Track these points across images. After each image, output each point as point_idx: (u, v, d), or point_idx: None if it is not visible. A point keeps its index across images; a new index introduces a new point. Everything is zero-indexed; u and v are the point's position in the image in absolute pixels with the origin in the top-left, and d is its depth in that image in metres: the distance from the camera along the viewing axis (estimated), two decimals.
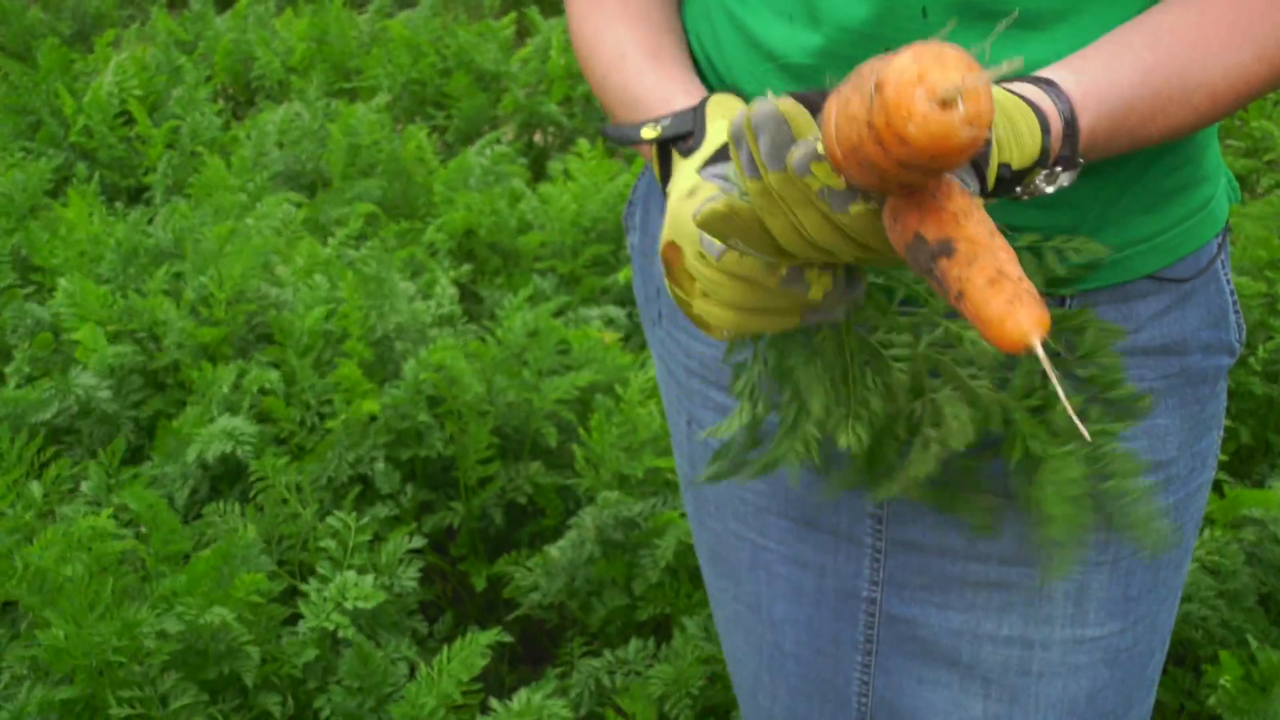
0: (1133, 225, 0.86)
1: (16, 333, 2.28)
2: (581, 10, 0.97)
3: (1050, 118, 0.70)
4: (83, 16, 4.76)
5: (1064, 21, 0.80)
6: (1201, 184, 0.90)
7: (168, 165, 3.07)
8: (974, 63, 0.53)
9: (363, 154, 3.05)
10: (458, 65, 3.67)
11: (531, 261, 2.67)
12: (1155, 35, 0.78)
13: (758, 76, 0.88)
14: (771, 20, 0.86)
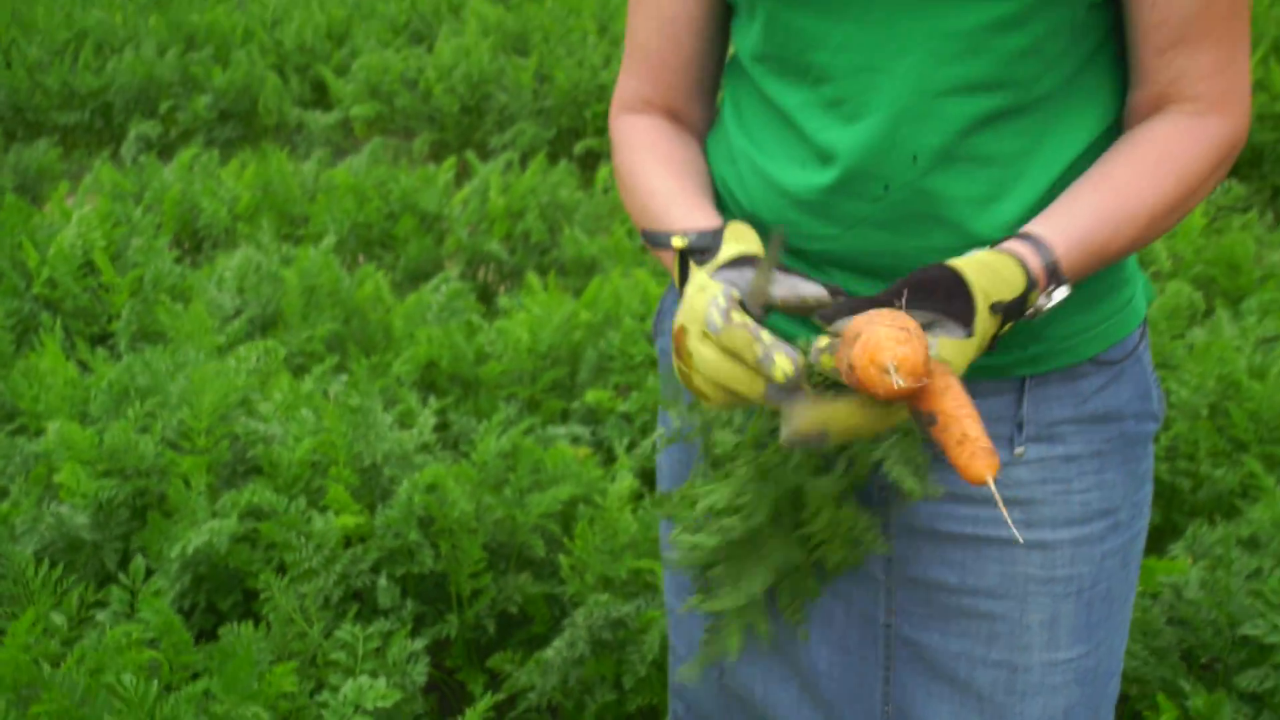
0: (1074, 320, 1.08)
1: (7, 470, 2.37)
2: (625, 154, 1.19)
3: (1028, 259, 0.95)
4: (24, 172, 4.87)
5: (1033, 159, 1.04)
6: (1124, 286, 1.13)
7: (131, 312, 3.18)
8: (913, 334, 0.83)
9: (317, 294, 3.20)
10: (403, 209, 3.84)
11: (494, 389, 2.82)
12: (1104, 183, 1.01)
13: (774, 208, 1.09)
14: (787, 166, 1.08)
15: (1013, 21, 0.99)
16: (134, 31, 6.88)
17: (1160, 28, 1.02)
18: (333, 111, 5.96)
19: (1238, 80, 1.04)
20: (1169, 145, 1.02)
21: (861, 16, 1.02)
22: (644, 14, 1.18)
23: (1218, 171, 1.05)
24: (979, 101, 1.01)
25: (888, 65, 1.02)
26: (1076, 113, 1.06)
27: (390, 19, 7.08)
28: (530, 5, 7.01)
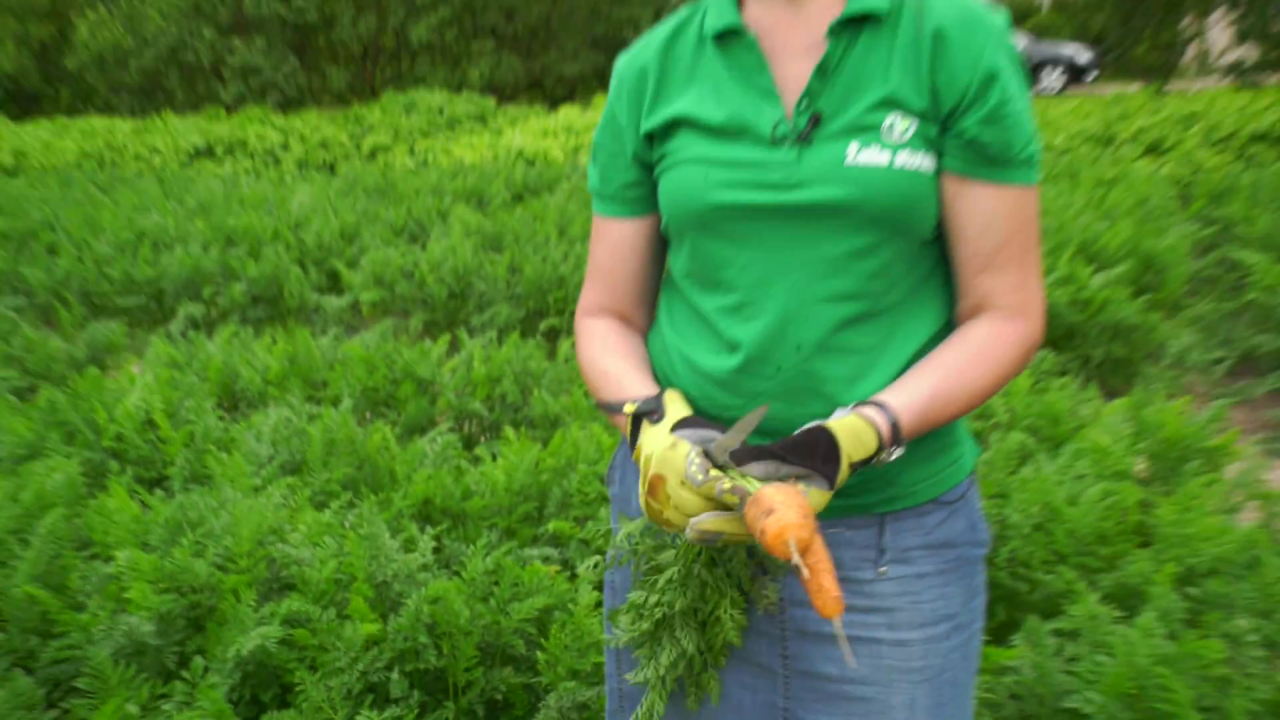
0: (919, 471, 1.18)
1: (85, 589, 2.39)
2: (585, 346, 1.30)
3: (880, 426, 1.05)
4: (94, 346, 4.90)
5: (886, 350, 1.15)
6: (956, 446, 1.23)
7: (184, 460, 3.21)
8: (809, 519, 0.94)
9: (336, 445, 3.25)
10: (403, 376, 3.90)
11: (478, 520, 2.88)
12: (938, 369, 1.12)
13: (696, 386, 1.20)
14: (705, 354, 1.20)
15: (867, 251, 1.11)
16: (183, 232, 6.89)
17: (973, 259, 1.13)
18: (344, 296, 5.99)
19: (1033, 295, 1.15)
20: (985, 342, 1.13)
21: (759, 246, 1.13)
22: (602, 245, 1.30)
23: (1022, 362, 1.15)
24: (844, 308, 1.12)
25: (777, 281, 1.13)
26: (918, 317, 1.16)
27: (391, 223, 7.15)
28: (503, 213, 7.13)
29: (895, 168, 1.08)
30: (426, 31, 16.44)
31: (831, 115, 1.11)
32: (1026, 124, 1.11)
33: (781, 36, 1.14)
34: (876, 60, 1.11)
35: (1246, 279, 5.28)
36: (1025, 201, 1.12)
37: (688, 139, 1.17)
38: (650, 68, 1.22)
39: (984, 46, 1.09)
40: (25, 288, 6.31)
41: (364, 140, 12.70)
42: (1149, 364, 4.63)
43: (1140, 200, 6.45)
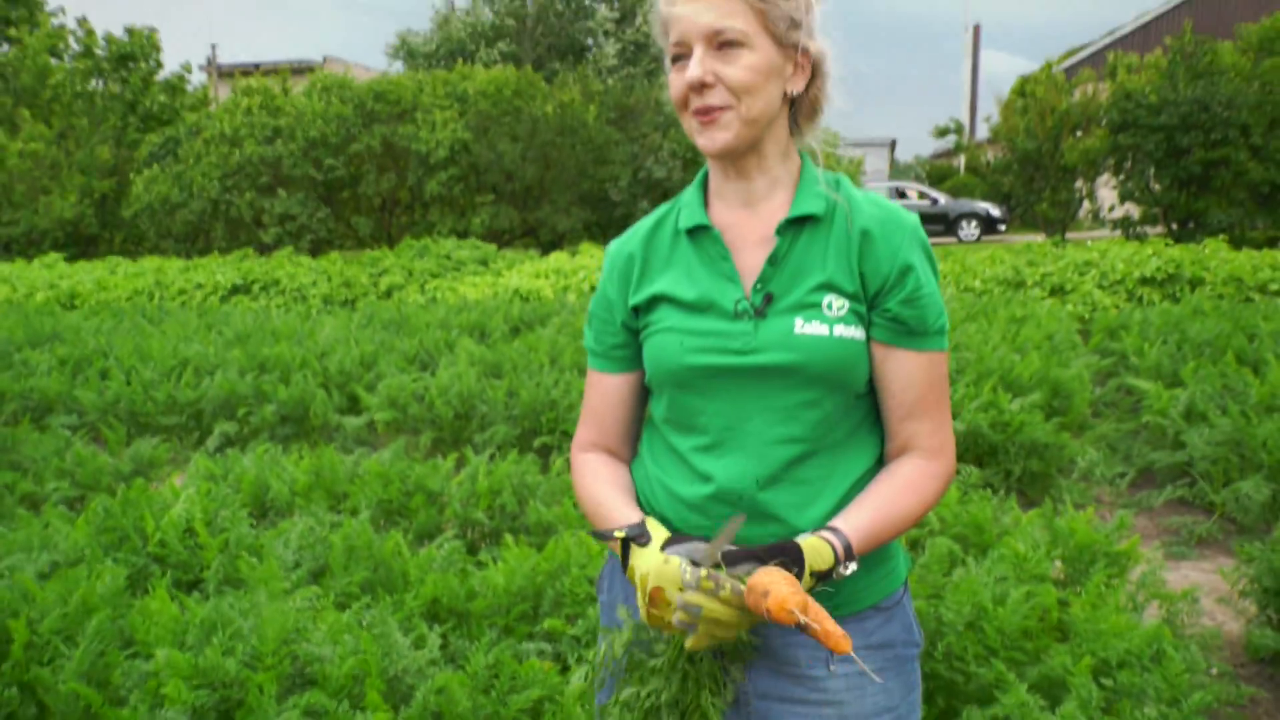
0: (859, 581, 1.24)
1: (126, 685, 2.34)
2: (580, 478, 1.36)
3: (835, 545, 1.12)
4: (139, 460, 4.87)
5: (829, 482, 1.22)
6: (890, 560, 1.29)
7: (219, 565, 3.18)
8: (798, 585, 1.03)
9: (356, 551, 3.23)
10: (415, 489, 3.91)
11: (480, 618, 2.85)
12: (876, 499, 1.20)
13: (673, 510, 1.26)
14: (682, 483, 1.26)
15: (812, 403, 1.20)
16: (222, 360, 6.92)
17: (898, 409, 1.23)
18: (362, 416, 5.99)
19: (945, 438, 1.25)
20: (911, 477, 1.22)
21: (725, 398, 1.22)
22: (595, 392, 1.38)
23: (941, 493, 1.24)
24: (793, 448, 1.21)
25: (740, 426, 1.22)
26: (856, 456, 1.25)
27: (405, 352, 7.18)
28: (502, 344, 7.23)
29: (834, 336, 1.19)
30: (438, 186, 16.88)
31: (781, 295, 1.22)
32: (937, 303, 1.23)
33: (740, 231, 1.26)
34: (815, 252, 1.23)
35: (1141, 403, 5.42)
36: (938, 363, 1.24)
37: (666, 312, 1.27)
38: (636, 254, 1.33)
39: (901, 244, 1.22)
40: (79, 408, 6.29)
41: (381, 280, 12.89)
42: (1061, 477, 4.70)
43: (1048, 335, 6.64)
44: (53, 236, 19.80)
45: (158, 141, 19.46)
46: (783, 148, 1.26)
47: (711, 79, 1.18)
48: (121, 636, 2.58)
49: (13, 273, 14.88)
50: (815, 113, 1.28)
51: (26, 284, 13.82)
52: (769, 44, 1.18)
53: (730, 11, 1.16)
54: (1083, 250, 10.99)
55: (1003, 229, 21.87)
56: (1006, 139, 16.20)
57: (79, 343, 7.83)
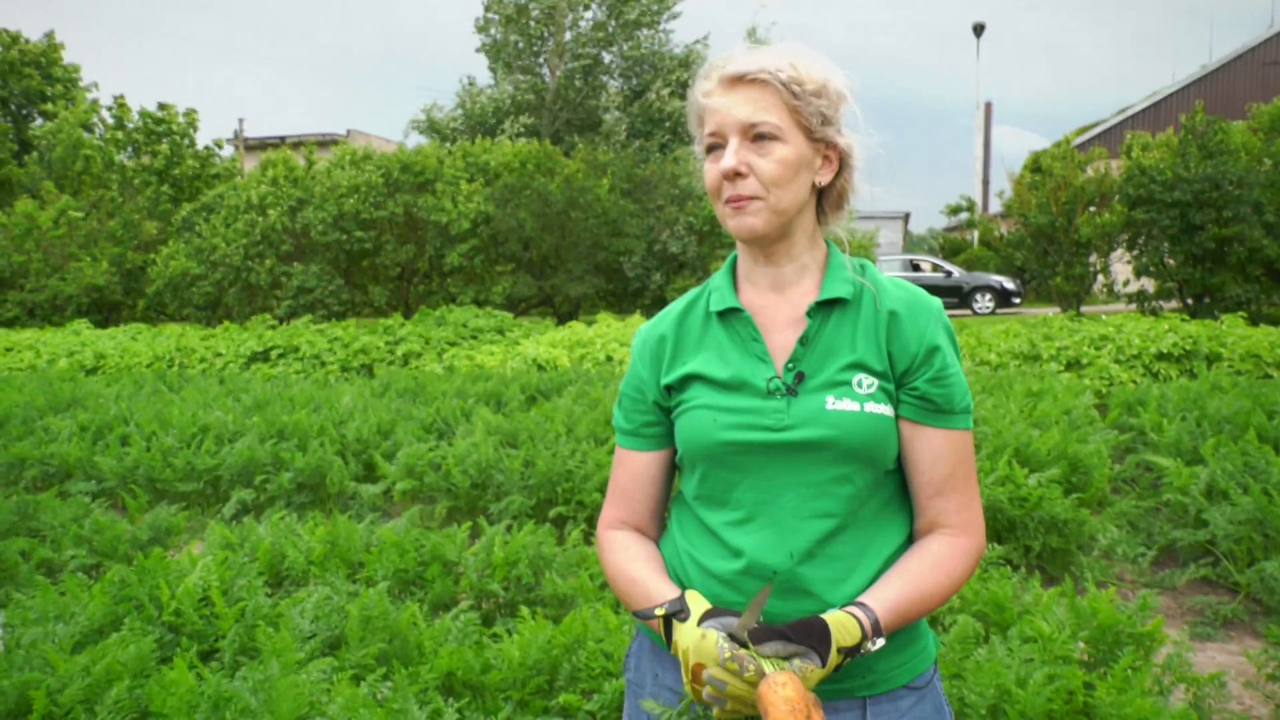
0: (891, 661, 1.26)
1: None
2: (610, 556, 1.37)
3: (863, 621, 1.14)
4: (157, 527, 4.89)
5: (863, 558, 1.25)
6: (920, 639, 1.30)
7: (234, 634, 3.18)
8: (799, 710, 1.02)
9: (372, 622, 3.22)
10: (431, 558, 3.91)
11: (495, 691, 2.83)
12: (906, 575, 1.22)
13: (704, 585, 1.28)
14: (713, 559, 1.28)
15: (844, 479, 1.23)
16: (241, 427, 6.97)
17: (927, 485, 1.26)
18: (379, 484, 6.00)
19: (974, 515, 1.28)
20: (940, 554, 1.24)
21: (758, 474, 1.25)
22: (624, 470, 1.41)
23: (970, 570, 1.26)
24: (826, 523, 1.23)
25: (773, 501, 1.24)
26: (887, 532, 1.27)
27: (422, 421, 7.22)
28: (519, 414, 7.27)
29: (865, 413, 1.23)
30: (459, 257, 17.15)
31: (812, 374, 1.26)
32: (962, 383, 1.28)
33: (770, 314, 1.32)
34: (844, 333, 1.28)
35: (1161, 480, 5.38)
36: (964, 441, 1.28)
37: (700, 390, 1.31)
38: (668, 335, 1.38)
39: (926, 326, 1.27)
40: (98, 474, 6.34)
41: (398, 348, 13.02)
42: (1081, 554, 4.65)
43: (1065, 410, 6.62)
44: (77, 303, 20.17)
45: (190, 210, 19.94)
46: (810, 235, 1.32)
47: (745, 169, 1.25)
48: (139, 708, 2.58)
49: (38, 339, 15.13)
50: (842, 202, 1.34)
51: (50, 349, 14.04)
52: (800, 138, 1.25)
53: (765, 107, 1.24)
54: (1099, 324, 11.01)
55: (1017, 302, 21.95)
56: (1019, 213, 16.38)
57: (100, 409, 7.92)
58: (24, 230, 20.51)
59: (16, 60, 33.39)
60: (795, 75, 1.24)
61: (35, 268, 20.33)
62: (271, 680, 2.57)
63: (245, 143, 34.26)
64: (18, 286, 20.54)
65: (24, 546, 4.43)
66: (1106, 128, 27.17)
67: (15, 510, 4.97)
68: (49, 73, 34.59)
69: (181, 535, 4.94)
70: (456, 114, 28.73)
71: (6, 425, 7.57)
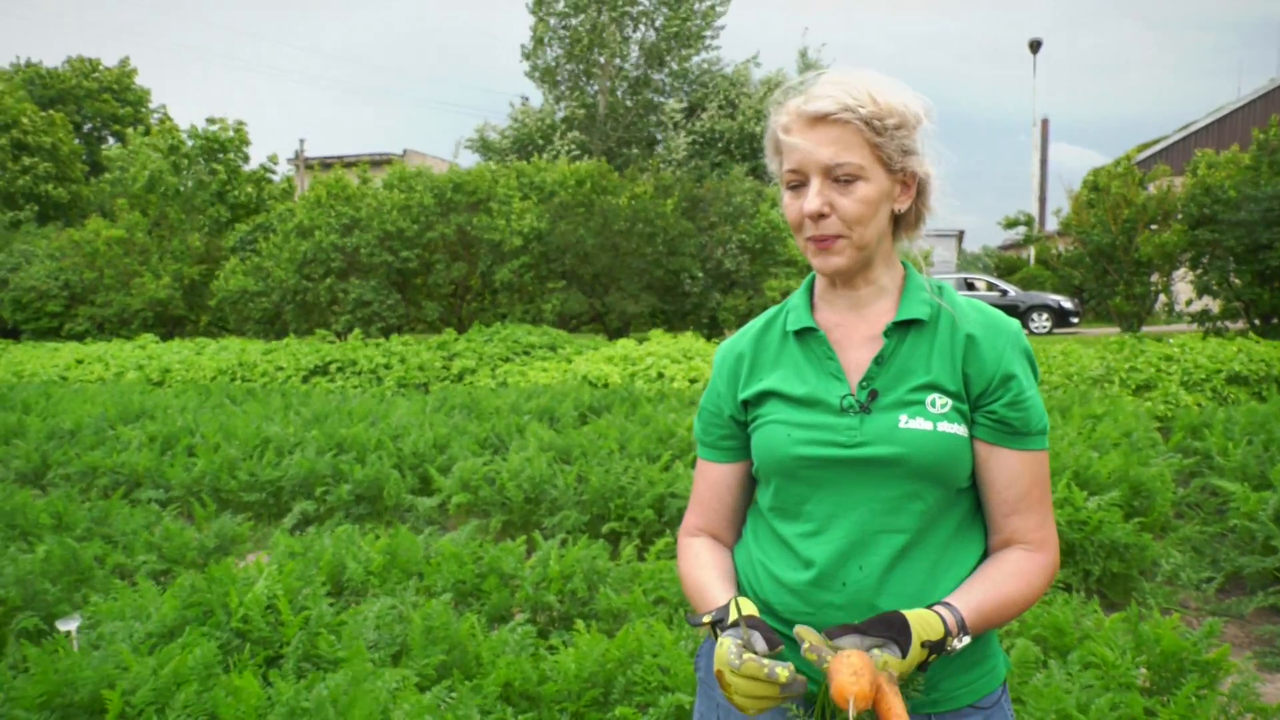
0: (959, 679, 1.28)
1: None
2: (684, 563, 1.43)
3: (946, 618, 1.17)
4: (222, 536, 5.04)
5: (941, 574, 1.27)
6: (990, 659, 1.32)
7: (299, 641, 3.27)
8: (861, 676, 1.07)
9: (434, 632, 3.29)
10: (489, 571, 3.97)
11: (551, 703, 2.87)
12: (987, 582, 1.25)
13: (775, 594, 1.31)
14: (784, 569, 1.31)
15: (915, 495, 1.26)
16: (301, 440, 7.15)
17: (1002, 505, 1.29)
18: (434, 497, 6.07)
19: (1050, 532, 1.30)
20: (1019, 565, 1.26)
21: (830, 488, 1.28)
22: (703, 481, 1.45)
23: (1046, 585, 1.28)
24: (897, 539, 1.25)
25: (844, 515, 1.27)
26: (963, 549, 1.29)
27: (477, 436, 7.32)
28: (572, 431, 7.35)
29: (938, 432, 1.26)
30: (509, 274, 17.37)
31: (886, 392, 1.29)
32: (1038, 405, 1.30)
33: (845, 332, 1.35)
34: (920, 354, 1.31)
35: (1227, 505, 5.25)
36: (1039, 461, 1.29)
37: (775, 406, 1.35)
38: (746, 353, 1.42)
39: (1004, 349, 1.29)
40: (166, 483, 6.54)
41: (453, 364, 13.22)
42: (1144, 580, 4.56)
43: (1126, 433, 6.50)
44: (143, 317, 20.82)
45: (245, 230, 20.50)
46: (886, 258, 1.35)
47: (828, 210, 1.28)
48: (206, 712, 2.67)
49: (106, 351, 15.65)
50: (918, 224, 1.37)
51: (119, 363, 14.51)
52: (882, 174, 1.28)
53: (847, 146, 1.26)
54: (1163, 346, 10.76)
55: (1075, 322, 21.53)
56: (1078, 231, 16.09)
57: (168, 420, 8.18)
58: (94, 248, 21.26)
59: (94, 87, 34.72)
60: (875, 110, 1.25)
61: (105, 283, 21.05)
62: (345, 688, 2.64)
63: (305, 162, 35.13)
64: (88, 302, 21.27)
65: (99, 551, 4.60)
66: (1169, 144, 26.58)
67: (90, 516, 5.16)
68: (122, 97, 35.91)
69: (245, 544, 5.08)
70: (508, 133, 29.18)
71: (80, 435, 7.86)
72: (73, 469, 6.88)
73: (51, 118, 28.50)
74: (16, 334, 22.18)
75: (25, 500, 5.35)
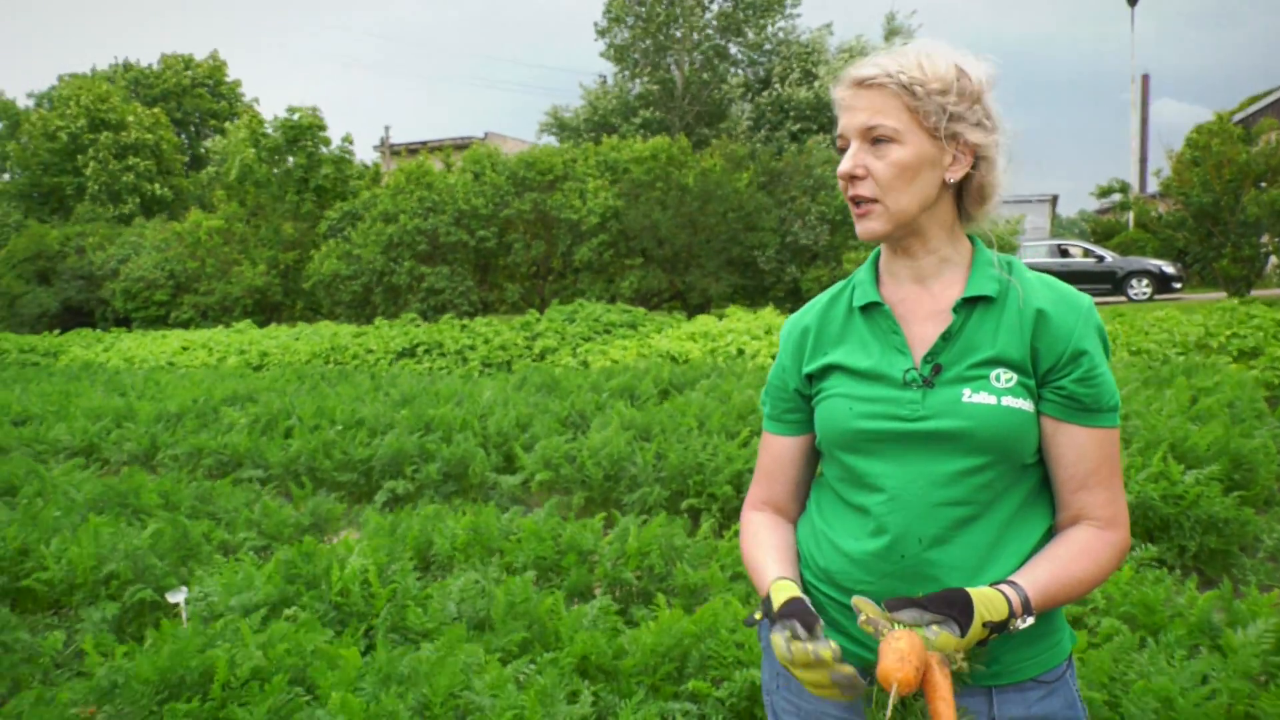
0: (1021, 653, 1.27)
1: None
2: (745, 537, 1.45)
3: (1011, 597, 1.17)
4: (317, 513, 5.26)
5: (1001, 550, 1.26)
6: (1054, 634, 1.30)
7: (387, 613, 3.41)
8: (906, 660, 1.08)
9: (515, 608, 3.38)
10: (568, 548, 4.06)
11: (627, 677, 2.93)
12: (1054, 560, 1.24)
13: (840, 564, 1.32)
14: (847, 539, 1.32)
15: (976, 470, 1.25)
16: (392, 421, 7.38)
17: (1070, 480, 1.27)
18: (517, 475, 6.21)
19: (1120, 509, 1.28)
20: (1087, 544, 1.25)
21: (891, 461, 1.29)
22: (768, 453, 1.48)
23: (1116, 563, 1.26)
24: (956, 511, 1.25)
25: (906, 488, 1.27)
26: (1030, 523, 1.28)
27: (558, 414, 7.45)
28: (652, 408, 7.40)
29: (1002, 406, 1.25)
30: (588, 253, 17.51)
31: (950, 366, 1.29)
32: (1109, 383, 1.27)
33: (910, 306, 1.35)
34: (987, 330, 1.29)
35: None
36: (1110, 438, 1.27)
37: (839, 379, 1.36)
38: (811, 327, 1.43)
39: (1075, 325, 1.27)
40: (265, 463, 6.85)
41: (535, 343, 13.43)
42: (1245, 555, 4.37)
43: (1228, 402, 6.21)
44: (243, 304, 21.73)
45: (335, 217, 21.14)
46: (948, 229, 1.34)
47: (862, 171, 1.29)
48: (304, 680, 2.80)
49: (209, 338, 16.41)
50: (984, 198, 1.34)
51: (221, 348, 15.20)
52: (921, 138, 1.27)
53: (882, 109, 1.27)
54: (1272, 310, 10.21)
55: (1178, 287, 20.54)
56: (1180, 192, 15.34)
57: (268, 403, 8.54)
58: (195, 238, 22.25)
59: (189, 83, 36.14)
60: (919, 76, 1.25)
61: (207, 272, 22.02)
62: (429, 658, 2.75)
63: (391, 149, 35.93)
64: (192, 290, 22.30)
65: (206, 529, 4.85)
66: (1276, 98, 25.04)
67: (196, 495, 5.44)
68: (216, 90, 37.30)
69: (339, 522, 5.29)
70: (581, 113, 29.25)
71: (186, 418, 8.28)
72: (179, 450, 7.26)
73: (155, 116, 29.82)
74: (128, 323, 23.40)
75: (141, 481, 5.67)
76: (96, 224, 25.37)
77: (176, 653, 2.69)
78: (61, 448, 7.88)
